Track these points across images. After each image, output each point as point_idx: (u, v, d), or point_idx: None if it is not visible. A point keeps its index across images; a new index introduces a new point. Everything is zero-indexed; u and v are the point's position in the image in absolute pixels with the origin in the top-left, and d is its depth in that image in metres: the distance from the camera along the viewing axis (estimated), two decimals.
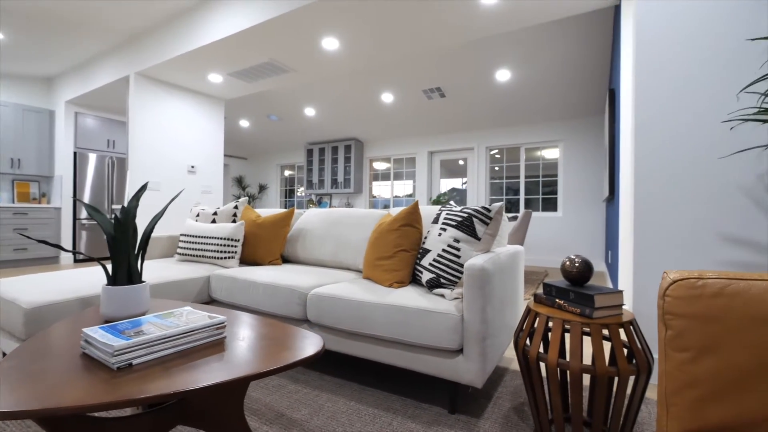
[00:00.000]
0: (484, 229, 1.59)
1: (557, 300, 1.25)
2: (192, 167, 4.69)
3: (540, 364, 1.48)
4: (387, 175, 7.60)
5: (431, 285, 1.64)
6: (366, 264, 1.95)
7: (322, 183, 7.86)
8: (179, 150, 4.56)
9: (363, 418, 1.43)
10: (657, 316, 1.33)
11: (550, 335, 1.21)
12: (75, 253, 1.83)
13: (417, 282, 1.85)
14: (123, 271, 1.25)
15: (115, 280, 1.25)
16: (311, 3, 2.76)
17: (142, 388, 0.77)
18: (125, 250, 1.25)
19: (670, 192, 1.76)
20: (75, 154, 5.43)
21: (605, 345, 2.20)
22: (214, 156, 4.95)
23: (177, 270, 2.15)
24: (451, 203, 2.69)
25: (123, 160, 5.83)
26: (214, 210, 2.62)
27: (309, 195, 8.25)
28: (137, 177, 4.18)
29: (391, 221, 1.88)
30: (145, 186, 1.40)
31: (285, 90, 5.91)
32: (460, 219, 1.64)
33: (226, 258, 2.35)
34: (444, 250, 1.63)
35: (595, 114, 5.49)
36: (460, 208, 1.73)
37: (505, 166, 6.35)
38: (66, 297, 1.58)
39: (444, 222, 1.71)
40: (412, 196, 7.30)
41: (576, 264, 1.24)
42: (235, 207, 2.60)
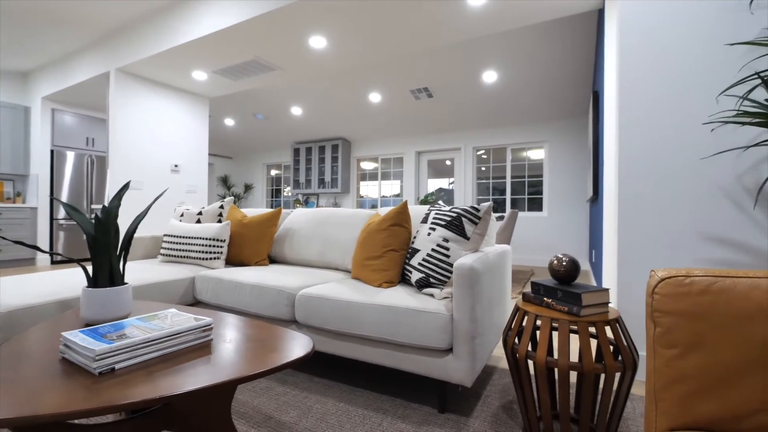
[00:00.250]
0: (473, 229, 1.60)
1: (545, 298, 1.26)
2: (175, 166, 4.59)
3: (528, 362, 1.49)
4: (374, 175, 7.59)
5: (421, 285, 1.64)
6: (355, 264, 1.94)
7: (309, 183, 7.80)
8: (162, 148, 4.46)
9: (353, 419, 1.42)
10: (645, 313, 1.35)
11: (538, 333, 1.22)
12: (53, 255, 1.76)
13: (406, 282, 1.84)
14: (104, 273, 1.21)
15: (96, 281, 1.21)
16: (298, 0, 2.73)
17: (125, 393, 0.74)
18: (107, 250, 1.21)
19: (653, 192, 1.80)
20: (52, 152, 5.25)
21: (592, 342, 2.24)
22: (198, 155, 4.85)
23: (161, 271, 2.10)
24: (440, 203, 2.70)
25: (103, 158, 5.66)
26: (199, 210, 2.57)
27: (296, 195, 8.18)
28: (118, 176, 4.07)
29: (380, 221, 1.87)
30: (128, 185, 1.36)
31: (271, 88, 5.84)
32: (449, 219, 1.65)
33: (211, 259, 2.31)
34: (433, 249, 1.63)
35: (580, 115, 5.59)
36: (449, 207, 1.74)
37: (492, 166, 6.41)
38: (44, 300, 1.53)
39: (433, 222, 1.71)
40: (399, 196, 7.30)
41: (564, 263, 1.25)
42: (221, 207, 2.56)
